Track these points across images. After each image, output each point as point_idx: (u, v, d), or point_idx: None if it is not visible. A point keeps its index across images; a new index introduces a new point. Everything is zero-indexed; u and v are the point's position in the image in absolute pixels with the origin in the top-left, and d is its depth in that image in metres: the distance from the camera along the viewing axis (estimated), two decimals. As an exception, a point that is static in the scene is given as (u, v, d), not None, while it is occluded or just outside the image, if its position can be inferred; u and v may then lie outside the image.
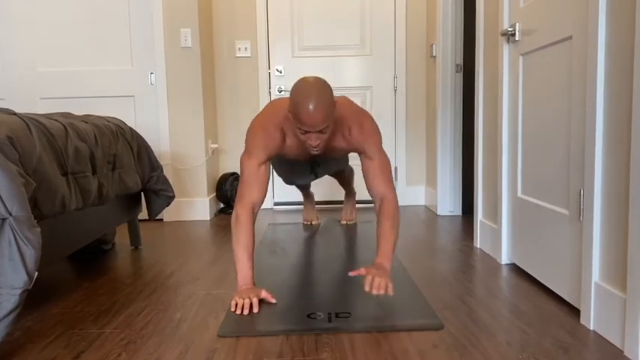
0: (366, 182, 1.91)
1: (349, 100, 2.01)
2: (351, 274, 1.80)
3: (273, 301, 1.77)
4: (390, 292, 1.69)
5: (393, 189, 1.90)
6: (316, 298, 1.83)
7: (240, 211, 1.83)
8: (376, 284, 1.67)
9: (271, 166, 2.27)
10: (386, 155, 1.92)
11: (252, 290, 1.76)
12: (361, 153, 1.91)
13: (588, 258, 1.56)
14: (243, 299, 1.72)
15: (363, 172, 1.91)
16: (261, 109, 2.01)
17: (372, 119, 1.96)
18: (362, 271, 1.76)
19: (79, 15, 3.56)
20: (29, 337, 1.59)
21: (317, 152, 1.80)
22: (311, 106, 1.63)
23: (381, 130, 4.07)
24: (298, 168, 2.53)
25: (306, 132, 1.71)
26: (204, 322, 1.67)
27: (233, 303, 1.74)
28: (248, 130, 1.91)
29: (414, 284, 1.97)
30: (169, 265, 2.40)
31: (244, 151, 1.89)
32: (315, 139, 1.72)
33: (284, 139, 1.89)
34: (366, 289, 1.68)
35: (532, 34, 1.98)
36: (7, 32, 3.57)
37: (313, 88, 1.66)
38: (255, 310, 1.70)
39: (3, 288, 1.38)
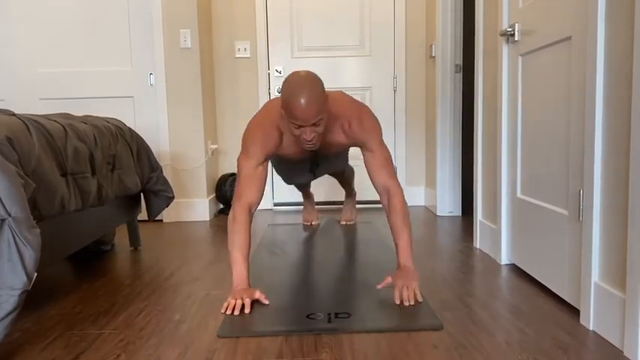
0: (369, 175, 1.92)
1: (345, 95, 2.00)
2: (379, 287, 1.83)
3: (267, 302, 1.76)
4: (420, 298, 1.76)
5: (397, 180, 1.92)
6: (316, 299, 1.83)
7: (238, 212, 1.83)
8: (405, 297, 1.75)
9: (271, 166, 2.27)
10: (387, 148, 1.93)
11: (245, 291, 1.76)
12: (362, 147, 1.92)
13: (588, 258, 1.56)
14: (236, 300, 1.72)
15: (366, 165, 1.92)
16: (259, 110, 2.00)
17: (371, 112, 1.96)
18: (389, 279, 1.82)
19: (79, 16, 3.56)
20: (28, 338, 1.58)
21: (313, 148, 1.80)
22: (303, 100, 1.64)
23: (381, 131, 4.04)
24: (297, 166, 2.53)
25: (300, 126, 1.72)
26: (203, 323, 1.67)
27: (225, 304, 1.74)
28: (245, 131, 1.92)
29: (413, 285, 1.97)
30: (169, 265, 2.40)
31: (241, 152, 1.90)
32: (310, 132, 1.72)
33: (281, 138, 1.89)
34: (396, 302, 1.75)
35: (531, 35, 1.98)
36: (6, 33, 3.57)
37: (304, 82, 1.67)
38: (247, 310, 1.70)
39: (2, 289, 1.38)
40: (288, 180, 2.79)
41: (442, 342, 1.48)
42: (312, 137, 1.74)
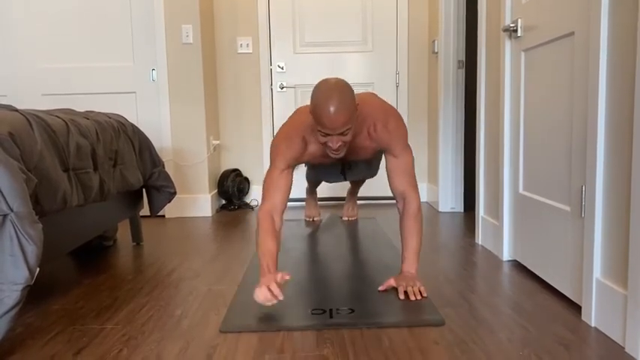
0: (389, 179, 1.89)
1: (374, 96, 1.97)
2: (380, 289, 1.83)
3: (287, 277, 1.66)
4: (425, 294, 1.78)
5: (416, 188, 1.88)
6: (318, 294, 1.84)
7: (261, 219, 1.81)
8: (410, 293, 1.76)
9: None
10: (411, 153, 1.90)
11: (267, 280, 1.64)
12: (386, 151, 1.88)
13: (589, 254, 1.55)
14: (262, 291, 1.62)
15: (387, 169, 1.90)
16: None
17: (398, 115, 1.91)
18: (391, 282, 1.82)
19: (80, 11, 3.56)
20: (30, 333, 1.59)
21: (338, 156, 1.77)
22: (332, 108, 1.60)
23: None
24: (328, 170, 2.52)
25: (327, 134, 1.68)
26: (205, 318, 1.67)
27: (257, 299, 1.64)
28: (272, 141, 1.90)
29: (415, 281, 1.97)
30: (171, 261, 2.40)
31: (269, 165, 1.89)
32: (336, 141, 1.69)
33: (306, 147, 1.86)
34: (401, 297, 1.76)
35: (534, 30, 1.98)
36: (8, 28, 3.57)
37: (334, 90, 1.63)
38: (279, 296, 1.60)
39: (4, 284, 1.39)
40: (318, 179, 2.84)
41: (443, 338, 1.48)
42: (338, 146, 1.71)
